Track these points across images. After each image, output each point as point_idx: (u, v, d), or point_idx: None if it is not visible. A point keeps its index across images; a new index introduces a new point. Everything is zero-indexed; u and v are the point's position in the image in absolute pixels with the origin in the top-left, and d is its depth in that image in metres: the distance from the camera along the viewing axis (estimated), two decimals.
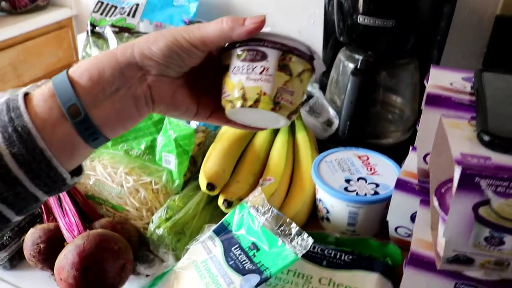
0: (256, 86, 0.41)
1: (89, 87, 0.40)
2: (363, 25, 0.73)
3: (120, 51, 0.41)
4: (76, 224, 0.65)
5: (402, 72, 0.84)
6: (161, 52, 0.41)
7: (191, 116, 0.48)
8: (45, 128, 0.39)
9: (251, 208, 0.62)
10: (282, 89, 0.41)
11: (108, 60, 0.41)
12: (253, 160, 0.75)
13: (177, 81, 0.44)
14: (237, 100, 0.42)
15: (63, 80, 0.40)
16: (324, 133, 0.83)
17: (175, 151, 0.75)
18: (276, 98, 0.41)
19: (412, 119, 0.86)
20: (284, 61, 0.41)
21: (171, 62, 0.42)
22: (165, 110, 0.46)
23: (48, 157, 0.39)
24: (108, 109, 0.41)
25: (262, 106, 0.41)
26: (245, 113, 0.44)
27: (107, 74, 0.40)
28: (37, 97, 0.40)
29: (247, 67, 0.41)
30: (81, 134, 0.40)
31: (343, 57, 0.85)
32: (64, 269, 0.57)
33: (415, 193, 0.58)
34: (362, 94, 0.76)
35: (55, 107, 0.39)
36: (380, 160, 0.72)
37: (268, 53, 0.41)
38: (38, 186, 0.39)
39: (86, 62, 0.41)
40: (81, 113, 0.39)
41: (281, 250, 0.57)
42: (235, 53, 0.43)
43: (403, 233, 0.63)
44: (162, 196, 0.74)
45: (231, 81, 0.43)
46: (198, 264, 0.60)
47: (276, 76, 0.41)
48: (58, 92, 0.40)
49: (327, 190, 0.65)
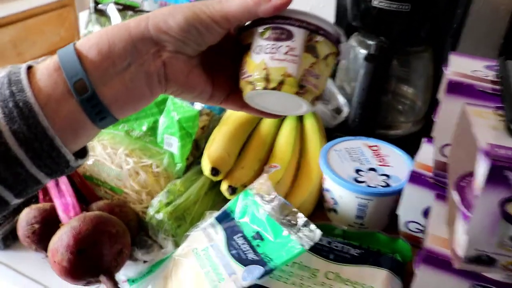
0: (280, 67, 0.38)
1: (98, 62, 0.37)
2: (378, 9, 0.70)
3: (133, 24, 0.38)
4: (73, 205, 0.62)
5: (416, 61, 0.81)
6: (178, 26, 0.37)
7: (206, 99, 0.44)
8: (48, 104, 0.36)
9: (256, 195, 0.60)
10: (308, 71, 0.39)
11: (120, 33, 0.38)
12: (259, 145, 0.72)
13: (193, 60, 0.41)
14: (259, 81, 0.39)
15: (70, 53, 0.37)
16: (333, 121, 0.80)
17: (177, 134, 0.72)
18: (302, 81, 0.38)
19: (423, 110, 0.83)
20: (311, 42, 0.39)
21: (189, 38, 0.38)
22: (178, 91, 0.42)
23: (51, 136, 0.36)
24: (118, 86, 0.38)
25: (286, 89, 0.38)
26: (265, 96, 0.41)
27: (118, 48, 0.37)
28: (41, 71, 0.37)
29: (272, 46, 0.39)
30: (88, 113, 0.37)
31: (355, 43, 0.81)
32: (58, 251, 0.55)
33: (429, 187, 0.55)
34: (375, 81, 0.73)
35: (60, 82, 0.36)
36: (391, 151, 0.69)
37: (294, 32, 0.39)
38: (39, 167, 0.37)
39: (95, 35, 0.38)
40: (88, 89, 0.36)
41: (286, 240, 0.54)
42: (258, 31, 0.40)
43: (414, 228, 0.60)
44: (163, 180, 0.72)
45: (252, 61, 0.40)
46: (198, 252, 0.57)
47: (303, 57, 0.38)
48: (64, 66, 0.37)
49: (336, 180, 0.62)
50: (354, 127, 0.76)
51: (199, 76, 0.42)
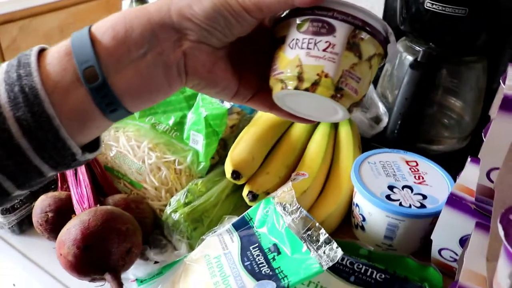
0: (317, 65, 0.34)
1: (112, 48, 0.34)
2: (430, 12, 0.64)
3: (154, 8, 0.34)
4: (88, 197, 0.60)
5: (467, 72, 0.74)
6: (204, 13, 0.34)
7: (230, 96, 0.40)
8: (56, 91, 0.33)
9: (278, 204, 0.55)
10: (348, 73, 0.34)
11: (138, 17, 0.34)
12: (287, 151, 0.68)
13: (218, 52, 0.37)
14: (290, 80, 0.35)
15: (83, 37, 0.34)
16: (371, 131, 0.75)
17: (204, 131, 0.69)
18: (340, 83, 0.34)
19: (471, 126, 0.76)
20: (354, 39, 0.34)
21: (215, 28, 0.34)
22: (200, 86, 0.38)
23: (56, 126, 0.33)
24: (132, 75, 0.34)
25: (320, 91, 0.34)
26: (297, 98, 0.37)
27: (136, 33, 0.34)
28: (51, 55, 0.34)
29: (309, 41, 0.34)
30: (97, 103, 0.34)
31: (402, 48, 0.76)
32: (65, 244, 0.52)
33: (470, 213, 0.49)
34: (419, 91, 0.67)
35: (70, 68, 0.33)
36: (431, 168, 0.63)
37: (336, 26, 0.34)
38: (43, 158, 0.34)
39: (113, 18, 0.35)
40: (99, 77, 0.33)
41: (304, 257, 0.49)
42: (295, 23, 0.35)
43: (448, 256, 0.54)
44: (185, 178, 0.69)
45: (286, 57, 0.35)
46: (210, 259, 0.54)
47: (343, 56, 0.34)
48: (75, 51, 0.33)
49: (366, 195, 0.57)
50: (392, 139, 0.70)
51: (224, 70, 0.38)
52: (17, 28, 1.55)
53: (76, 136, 0.35)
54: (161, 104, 0.75)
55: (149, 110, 0.75)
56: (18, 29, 1.56)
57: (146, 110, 0.75)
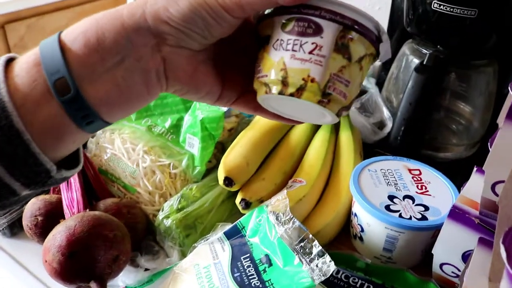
0: (302, 69, 0.31)
1: (84, 56, 0.31)
2: (438, 13, 0.61)
3: (127, 11, 0.32)
4: (77, 201, 0.59)
5: (477, 76, 0.71)
6: (181, 15, 0.31)
7: (213, 100, 0.38)
8: (25, 105, 0.30)
9: (271, 213, 0.53)
10: (336, 76, 0.32)
11: (111, 22, 0.31)
12: (285, 156, 0.65)
13: (199, 55, 0.35)
14: (275, 84, 0.32)
15: (52, 45, 0.31)
16: (373, 136, 0.72)
17: (200, 134, 0.67)
18: (327, 88, 0.31)
19: (480, 133, 0.73)
20: (343, 39, 0.31)
21: (194, 30, 0.32)
22: (182, 91, 0.36)
23: (26, 140, 0.30)
24: (108, 85, 0.32)
25: (306, 96, 0.31)
26: (282, 101, 0.34)
27: (109, 40, 0.31)
28: (19, 65, 0.31)
29: (294, 42, 0.32)
30: (71, 116, 0.31)
31: (408, 51, 0.73)
32: (50, 251, 0.51)
33: (473, 228, 0.47)
34: (425, 96, 0.64)
35: (39, 79, 0.31)
36: (434, 178, 0.60)
37: (324, 26, 0.31)
38: (13, 176, 0.31)
39: (84, 23, 0.32)
40: (71, 89, 0.31)
41: (296, 270, 0.47)
42: (280, 22, 0.33)
43: (450, 272, 0.51)
44: (180, 182, 0.67)
45: (270, 58, 0.33)
46: (200, 269, 0.52)
47: (331, 59, 0.31)
48: (44, 60, 0.31)
49: (364, 205, 0.54)
50: (395, 145, 0.68)
51: (205, 74, 0.36)
52: (25, 27, 1.55)
53: (50, 151, 0.32)
54: (157, 106, 0.73)
55: (146, 112, 0.74)
56: (26, 27, 1.55)
57: (143, 112, 0.74)
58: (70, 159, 0.36)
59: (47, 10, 1.63)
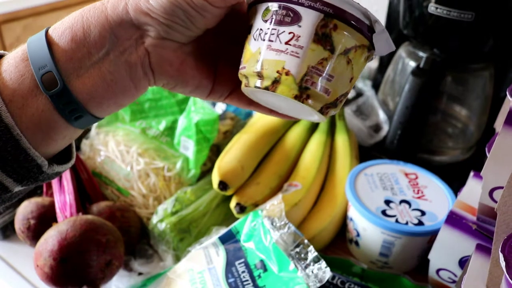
0: (277, 61, 0.29)
1: (71, 51, 0.31)
2: (435, 16, 0.61)
3: (111, 5, 0.32)
4: (70, 204, 0.58)
5: (473, 79, 0.70)
6: (161, 7, 0.30)
7: (205, 94, 0.37)
8: (14, 100, 0.31)
9: (266, 218, 0.52)
10: (315, 69, 0.29)
11: (96, 16, 0.31)
12: (281, 160, 0.65)
13: (185, 48, 0.34)
14: (251, 76, 0.31)
15: (40, 40, 0.31)
16: (369, 140, 0.71)
17: (194, 137, 0.66)
18: (304, 82, 0.29)
19: (476, 136, 0.73)
20: (324, 29, 0.29)
21: (176, 22, 0.31)
22: (170, 85, 0.35)
23: (16, 135, 0.30)
24: (95, 79, 0.32)
25: (281, 90, 0.30)
26: (265, 95, 0.32)
27: (94, 34, 0.31)
28: (7, 61, 0.32)
29: (271, 32, 0.30)
30: (60, 110, 0.31)
31: (404, 53, 0.72)
32: (42, 255, 0.50)
33: (470, 234, 0.46)
34: (421, 99, 0.63)
35: (27, 74, 0.31)
36: (431, 182, 0.59)
37: (302, 14, 0.29)
38: (5, 171, 0.31)
39: (70, 18, 0.32)
40: (58, 83, 0.31)
41: (291, 276, 0.46)
42: (261, 10, 0.31)
43: (446, 277, 0.51)
44: (174, 185, 0.66)
45: (249, 49, 0.31)
46: (194, 274, 0.51)
47: (309, 50, 0.29)
48: (32, 55, 0.31)
49: (360, 210, 0.54)
50: (392, 149, 0.67)
51: (194, 67, 0.35)
52: (21, 27, 1.54)
53: (41, 147, 0.32)
54: (152, 108, 0.72)
55: (140, 114, 0.73)
56: (22, 27, 1.54)
57: (137, 114, 0.73)
58: (62, 154, 0.36)
59: (43, 11, 1.62)
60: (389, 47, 0.32)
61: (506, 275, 0.31)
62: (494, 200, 0.43)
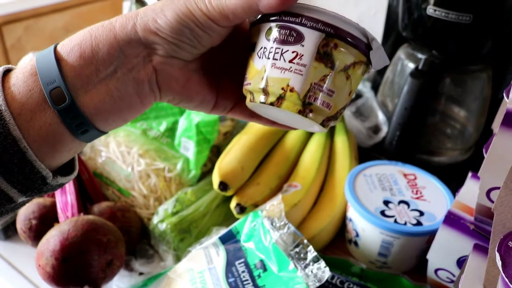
0: (282, 78, 0.31)
1: (80, 67, 0.32)
2: (433, 18, 0.61)
3: (119, 24, 0.33)
4: (72, 205, 0.58)
5: (471, 81, 0.71)
6: (169, 26, 0.31)
7: (209, 109, 0.38)
8: (22, 113, 0.31)
9: (266, 219, 0.53)
10: (318, 86, 0.31)
11: (104, 34, 0.32)
12: (280, 160, 0.65)
13: (191, 65, 0.35)
14: (257, 92, 0.32)
15: (49, 56, 0.32)
16: (369, 141, 0.72)
17: (195, 138, 0.67)
18: (308, 98, 0.31)
19: (474, 137, 0.73)
20: (326, 48, 0.31)
21: (183, 41, 0.32)
22: (175, 101, 0.36)
23: (23, 148, 0.31)
24: (102, 95, 0.32)
25: (286, 105, 0.31)
26: (268, 109, 0.34)
27: (102, 52, 0.32)
28: (16, 76, 0.32)
29: (275, 51, 0.31)
30: (67, 125, 0.32)
31: (403, 55, 0.73)
32: (43, 255, 0.51)
33: (468, 234, 0.47)
34: (420, 101, 0.64)
35: (36, 89, 0.32)
36: (430, 182, 0.60)
37: (305, 34, 0.31)
38: (10, 183, 0.32)
39: (79, 35, 0.33)
40: (67, 98, 0.31)
41: (291, 276, 0.47)
42: (265, 29, 0.32)
43: (445, 277, 0.51)
44: (175, 186, 0.66)
45: (254, 66, 0.33)
46: (194, 273, 0.51)
47: (312, 68, 0.31)
48: (41, 71, 0.32)
49: (359, 210, 0.54)
50: (390, 150, 0.68)
51: (198, 84, 0.36)
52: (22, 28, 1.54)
53: (46, 159, 0.33)
54: (153, 109, 0.73)
55: (141, 115, 0.73)
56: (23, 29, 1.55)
57: None
58: (65, 165, 0.36)
59: (44, 12, 1.62)
60: (384, 61, 0.34)
61: (502, 275, 0.32)
62: (491, 200, 0.43)
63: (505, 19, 0.62)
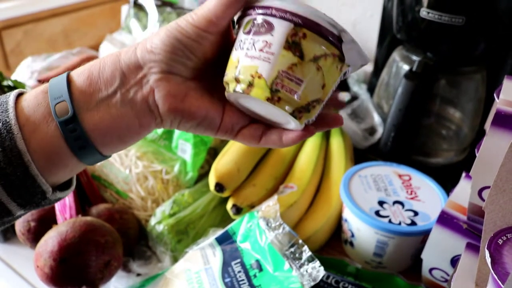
0: (251, 66, 0.32)
1: (85, 86, 0.35)
2: (427, 21, 0.62)
3: (125, 50, 0.36)
4: (70, 207, 0.59)
5: (466, 82, 0.72)
6: (161, 42, 0.34)
7: (215, 129, 0.37)
8: (27, 125, 0.33)
9: (261, 219, 0.53)
10: (285, 73, 0.32)
11: (111, 59, 0.35)
12: (276, 162, 0.66)
13: (190, 83, 0.35)
14: (230, 81, 0.34)
15: (61, 77, 0.35)
16: (364, 142, 0.73)
17: (192, 140, 0.67)
18: (275, 85, 0.32)
19: (469, 138, 0.74)
20: (295, 37, 0.32)
21: (176, 54, 0.34)
22: (176, 120, 0.36)
23: (27, 162, 0.33)
24: (102, 113, 0.34)
25: (255, 92, 0.32)
26: (245, 101, 0.35)
27: (107, 72, 0.35)
28: (30, 93, 0.35)
29: (249, 41, 0.33)
30: (66, 137, 0.34)
31: (398, 57, 0.73)
32: (42, 256, 0.51)
33: (461, 233, 0.47)
34: (414, 102, 0.64)
35: (43, 103, 0.34)
36: (424, 183, 0.60)
37: (275, 24, 0.32)
38: (11, 196, 0.33)
39: (91, 63, 0.36)
40: (69, 111, 0.33)
41: (286, 275, 0.47)
42: (242, 25, 0.35)
43: (439, 276, 0.52)
44: (172, 188, 0.67)
45: (231, 58, 0.35)
46: (191, 274, 0.52)
47: (280, 56, 0.32)
48: (51, 88, 0.35)
49: (354, 211, 0.55)
50: (386, 151, 0.68)
51: (199, 98, 0.36)
52: (22, 33, 1.55)
53: (46, 173, 0.34)
54: None
55: None
56: (23, 33, 1.56)
57: None
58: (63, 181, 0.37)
59: (44, 16, 1.63)
60: (362, 59, 0.34)
61: (492, 272, 0.32)
62: (483, 200, 0.44)
63: (498, 21, 0.63)
